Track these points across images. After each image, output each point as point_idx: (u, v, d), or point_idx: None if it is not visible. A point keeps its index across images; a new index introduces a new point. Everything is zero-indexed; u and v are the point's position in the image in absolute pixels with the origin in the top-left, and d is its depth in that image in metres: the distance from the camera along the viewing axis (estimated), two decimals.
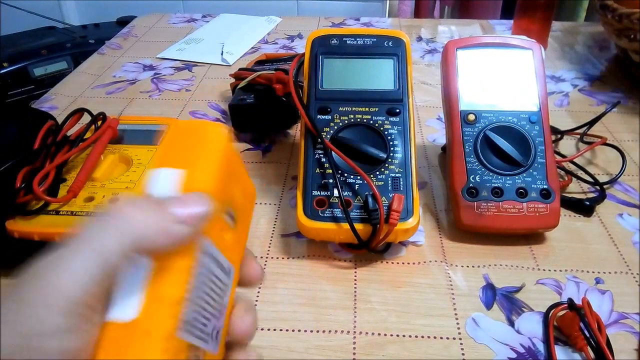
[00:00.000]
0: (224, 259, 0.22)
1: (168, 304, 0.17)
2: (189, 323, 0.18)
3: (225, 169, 0.21)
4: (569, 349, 0.34)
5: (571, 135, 0.57)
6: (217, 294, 0.21)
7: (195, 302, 0.19)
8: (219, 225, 0.21)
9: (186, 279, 0.18)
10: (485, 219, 0.41)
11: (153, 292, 0.18)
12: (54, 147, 0.42)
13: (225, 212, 0.22)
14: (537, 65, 0.45)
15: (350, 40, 0.45)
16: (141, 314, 0.17)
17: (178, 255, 0.18)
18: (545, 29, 0.76)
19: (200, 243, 0.19)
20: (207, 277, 0.20)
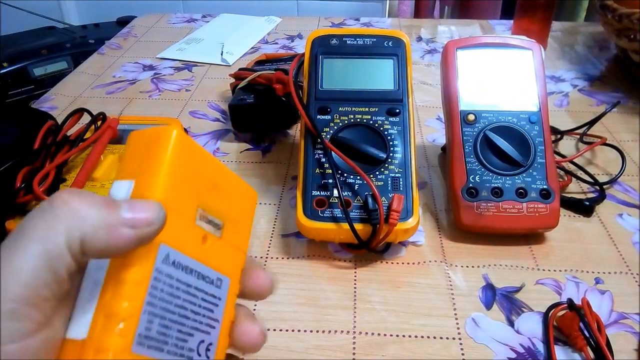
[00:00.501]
0: (208, 269, 0.21)
1: (117, 319, 0.17)
2: (151, 338, 0.18)
3: (181, 176, 0.20)
4: (568, 349, 0.34)
5: (571, 135, 0.57)
6: (200, 306, 0.20)
7: (159, 316, 0.18)
8: (190, 235, 0.20)
9: (139, 292, 0.17)
10: (485, 219, 0.41)
11: (103, 307, 0.17)
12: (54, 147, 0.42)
13: (201, 220, 0.21)
14: (537, 65, 0.45)
15: (350, 40, 0.45)
16: (92, 331, 0.17)
17: (131, 267, 0.18)
18: (545, 29, 0.76)
19: (159, 253, 0.18)
20: (176, 289, 0.19)
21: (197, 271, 0.20)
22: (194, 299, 0.20)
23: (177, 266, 0.19)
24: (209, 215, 0.21)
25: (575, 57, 0.78)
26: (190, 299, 0.20)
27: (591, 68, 0.74)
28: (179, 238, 0.20)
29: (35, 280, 0.16)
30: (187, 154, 0.20)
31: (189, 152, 0.20)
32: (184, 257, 0.20)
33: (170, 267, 0.19)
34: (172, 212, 0.19)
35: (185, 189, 0.20)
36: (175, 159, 0.19)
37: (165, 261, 0.19)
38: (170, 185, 0.19)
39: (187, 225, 0.20)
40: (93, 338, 0.17)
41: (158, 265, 0.18)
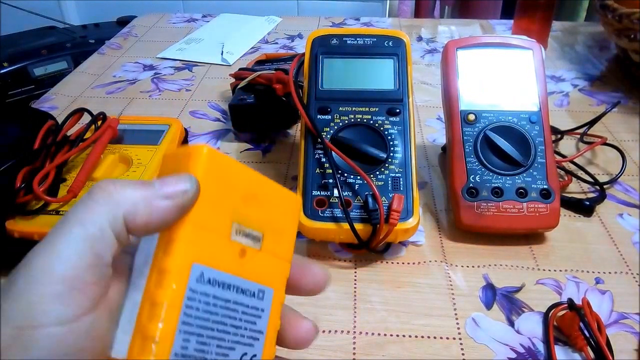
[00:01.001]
0: (248, 282, 0.21)
1: (152, 341, 0.17)
2: (188, 356, 0.18)
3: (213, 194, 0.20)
4: (569, 349, 0.34)
5: (571, 135, 0.57)
6: (241, 320, 0.21)
7: (196, 334, 0.19)
8: (226, 251, 0.20)
9: (173, 313, 0.18)
10: (485, 219, 0.41)
11: (140, 328, 0.18)
12: (54, 147, 0.42)
13: (237, 235, 0.21)
14: (537, 65, 0.45)
15: (351, 40, 0.45)
16: (130, 352, 0.17)
17: (165, 288, 0.18)
18: (545, 29, 0.76)
19: (192, 273, 0.19)
20: (214, 306, 0.20)
21: (236, 286, 0.21)
22: (234, 314, 0.20)
23: (214, 284, 0.20)
24: (246, 228, 0.21)
25: (575, 57, 0.78)
26: (229, 314, 0.20)
27: (591, 68, 0.74)
28: (214, 256, 0.20)
29: (79, 263, 0.16)
30: (219, 170, 0.20)
31: (220, 168, 0.20)
32: (220, 273, 0.20)
33: (205, 285, 0.19)
34: (205, 231, 0.19)
35: (218, 206, 0.20)
36: (205, 178, 0.19)
37: (199, 280, 0.19)
38: (201, 205, 0.19)
39: (223, 242, 0.20)
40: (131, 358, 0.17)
41: (192, 285, 0.19)
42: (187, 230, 0.19)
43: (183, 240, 0.19)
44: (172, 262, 0.18)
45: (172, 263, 0.18)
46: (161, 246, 0.19)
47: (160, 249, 0.19)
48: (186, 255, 0.19)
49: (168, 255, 0.18)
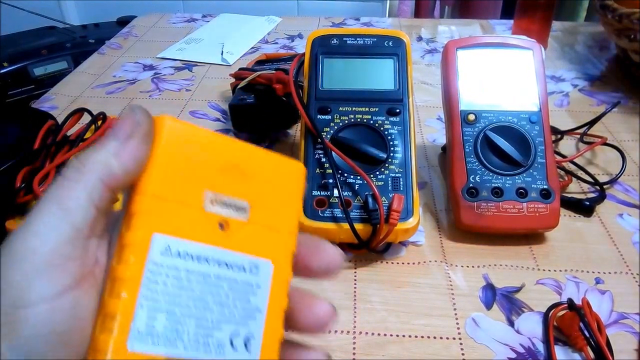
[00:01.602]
0: (235, 255, 0.20)
1: (111, 318, 0.17)
2: (157, 334, 0.17)
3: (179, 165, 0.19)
4: (568, 349, 0.34)
5: (571, 135, 0.57)
6: (227, 296, 0.19)
7: (165, 310, 0.18)
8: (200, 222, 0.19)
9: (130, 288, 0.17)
10: (485, 219, 0.41)
11: (101, 306, 0.17)
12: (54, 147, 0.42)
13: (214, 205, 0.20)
14: (537, 65, 0.45)
15: (351, 40, 0.45)
16: (93, 331, 0.17)
17: (122, 263, 0.17)
18: (545, 29, 0.76)
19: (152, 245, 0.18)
20: (187, 281, 0.18)
21: (217, 258, 0.19)
22: (217, 289, 0.19)
23: (185, 257, 0.19)
24: (225, 198, 0.20)
25: (575, 57, 0.78)
26: (211, 290, 0.19)
27: (591, 68, 0.74)
28: (183, 227, 0.19)
29: (57, 239, 0.16)
30: (183, 140, 0.19)
31: (185, 138, 0.19)
32: (193, 245, 0.19)
33: (173, 257, 0.18)
34: (167, 202, 0.18)
35: (183, 176, 0.19)
36: (165, 148, 0.19)
37: (165, 252, 0.18)
38: (161, 175, 0.19)
39: (194, 213, 0.19)
40: (93, 338, 0.17)
41: (153, 257, 0.18)
42: (146, 201, 0.18)
43: (141, 211, 0.18)
44: (131, 235, 0.18)
45: (130, 236, 0.18)
46: (124, 220, 0.18)
47: (123, 223, 0.18)
48: (144, 226, 0.18)
49: (128, 228, 0.18)
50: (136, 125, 0.18)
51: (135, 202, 0.18)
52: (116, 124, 0.19)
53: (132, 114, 0.19)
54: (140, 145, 0.18)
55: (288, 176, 0.22)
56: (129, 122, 0.18)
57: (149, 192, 0.18)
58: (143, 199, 0.18)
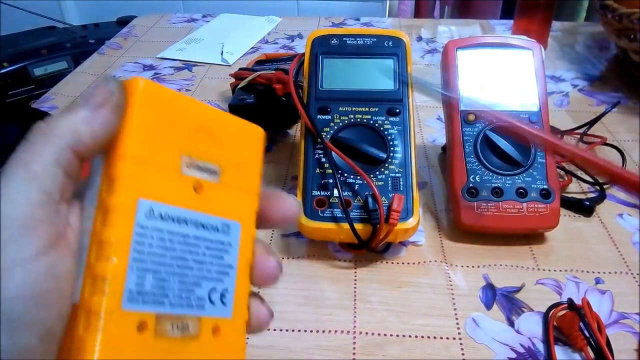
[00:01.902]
0: (209, 217, 0.21)
1: (102, 280, 0.17)
2: (145, 293, 0.18)
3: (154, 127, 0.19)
4: (569, 349, 0.34)
5: (571, 135, 0.57)
6: (205, 255, 0.20)
7: (152, 270, 0.18)
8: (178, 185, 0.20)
9: (121, 250, 0.17)
10: (485, 219, 0.41)
11: (89, 270, 0.17)
12: None
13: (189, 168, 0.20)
14: (537, 65, 0.45)
15: (350, 40, 0.45)
16: (82, 294, 0.17)
17: (110, 226, 0.18)
18: (545, 29, 0.76)
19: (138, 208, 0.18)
20: (170, 241, 0.19)
21: (194, 220, 0.20)
22: (195, 249, 0.20)
23: (166, 218, 0.19)
24: (199, 161, 0.21)
25: (575, 57, 0.78)
26: (190, 249, 0.20)
27: (591, 68, 0.74)
28: (163, 190, 0.19)
29: (27, 202, 0.16)
30: (159, 102, 0.20)
31: (160, 100, 0.20)
32: (173, 208, 0.19)
33: (157, 220, 0.19)
34: (149, 165, 0.19)
35: (161, 139, 0.19)
36: (142, 110, 0.19)
37: (149, 216, 0.19)
38: (141, 138, 0.19)
39: (172, 176, 0.20)
40: (83, 301, 0.17)
41: (140, 221, 0.18)
42: (128, 165, 0.18)
43: (125, 175, 0.18)
44: (116, 199, 0.18)
45: (116, 200, 0.18)
46: (104, 184, 0.18)
47: (104, 188, 0.18)
48: (129, 190, 0.18)
49: (111, 193, 0.18)
50: (109, 95, 0.18)
51: (117, 166, 0.18)
52: (88, 92, 0.19)
53: (105, 84, 0.18)
54: (111, 114, 0.18)
55: (250, 139, 0.23)
56: (102, 91, 0.18)
57: (129, 154, 0.18)
58: (125, 162, 0.18)
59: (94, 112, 0.18)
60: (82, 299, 0.17)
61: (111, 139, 0.18)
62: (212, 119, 0.22)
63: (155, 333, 0.18)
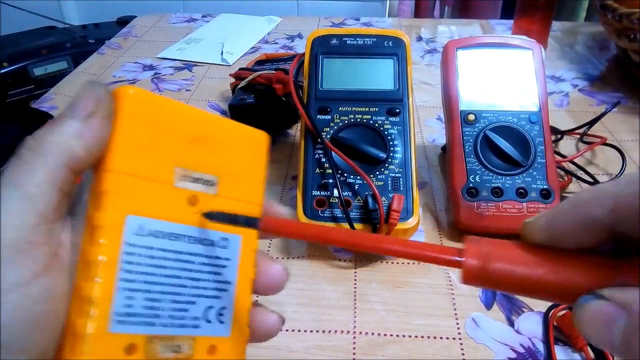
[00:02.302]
0: (204, 231, 0.20)
1: (89, 303, 0.16)
2: (135, 314, 0.17)
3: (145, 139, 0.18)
4: (569, 349, 0.34)
5: (571, 135, 0.57)
6: (200, 272, 0.19)
7: (141, 290, 0.18)
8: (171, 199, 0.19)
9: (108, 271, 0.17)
10: (485, 219, 0.41)
11: (76, 290, 0.17)
12: None
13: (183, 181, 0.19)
14: (537, 65, 0.45)
15: (350, 40, 0.45)
16: (69, 314, 0.17)
17: (97, 245, 0.17)
18: (545, 29, 0.76)
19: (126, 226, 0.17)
20: (161, 259, 0.18)
21: (188, 235, 0.19)
22: (189, 265, 0.19)
23: (157, 235, 0.18)
24: (194, 173, 0.20)
25: (575, 57, 0.78)
26: (183, 266, 0.19)
27: (591, 68, 0.74)
28: (154, 205, 0.18)
29: (22, 225, 0.16)
30: (150, 112, 0.18)
31: (152, 110, 0.18)
32: (165, 223, 0.18)
33: (147, 237, 0.18)
34: (138, 179, 0.18)
35: (152, 151, 0.18)
36: (130, 121, 0.18)
37: (139, 233, 0.18)
38: (129, 151, 0.18)
39: (164, 190, 0.19)
40: (70, 323, 0.17)
41: (128, 239, 0.17)
42: (116, 180, 0.17)
43: (111, 191, 0.17)
44: (103, 217, 0.17)
45: (103, 217, 0.17)
46: (92, 200, 0.17)
47: (91, 204, 0.17)
48: (117, 207, 0.17)
49: (98, 209, 0.17)
50: (97, 102, 0.17)
51: (103, 181, 0.17)
52: (75, 100, 0.18)
53: (91, 90, 0.17)
54: (102, 123, 0.17)
55: (252, 146, 0.22)
56: (90, 98, 0.17)
57: (117, 169, 0.17)
58: (112, 176, 0.17)
59: (84, 123, 0.17)
60: (68, 321, 0.17)
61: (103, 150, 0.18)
62: (209, 127, 0.21)
63: (146, 355, 0.18)
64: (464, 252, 0.16)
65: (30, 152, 0.17)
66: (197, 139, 0.20)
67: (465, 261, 0.16)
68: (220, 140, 0.21)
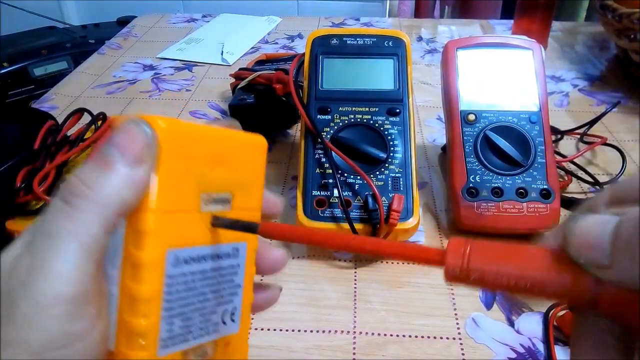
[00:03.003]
0: (222, 246, 0.21)
1: (137, 336, 0.17)
2: (175, 336, 0.18)
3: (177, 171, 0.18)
4: (569, 349, 0.34)
5: (571, 135, 0.57)
6: (219, 283, 0.21)
7: (178, 314, 0.19)
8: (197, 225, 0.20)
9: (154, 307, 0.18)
10: (485, 219, 0.41)
11: (123, 324, 0.17)
12: (54, 147, 0.42)
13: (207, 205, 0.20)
14: (537, 65, 0.45)
15: (350, 40, 0.45)
16: (117, 345, 0.17)
17: (141, 283, 0.17)
18: (545, 29, 0.76)
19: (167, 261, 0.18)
20: (192, 281, 0.19)
21: (211, 254, 0.20)
22: (212, 281, 0.20)
23: (189, 262, 0.19)
24: (214, 195, 0.20)
25: (575, 57, 0.78)
26: (208, 283, 0.20)
27: (591, 68, 0.74)
28: (186, 235, 0.19)
29: (83, 278, 0.16)
30: (180, 142, 0.19)
31: (181, 139, 0.19)
32: (194, 250, 0.19)
33: (181, 266, 0.19)
34: (173, 214, 0.18)
35: (183, 183, 0.19)
36: (167, 157, 0.18)
37: (175, 264, 0.18)
38: (167, 189, 0.18)
39: (193, 218, 0.19)
40: (119, 353, 0.17)
41: (169, 272, 0.18)
42: (155, 219, 0.17)
43: (153, 230, 0.17)
44: (145, 256, 0.17)
45: (145, 256, 0.17)
46: (130, 236, 0.17)
47: (130, 241, 0.17)
48: (158, 245, 0.18)
49: (139, 248, 0.17)
50: (147, 149, 0.17)
51: (146, 221, 0.17)
52: (121, 140, 0.17)
53: (140, 132, 0.17)
54: (151, 169, 0.17)
55: (253, 152, 0.23)
56: (139, 142, 0.17)
57: (157, 208, 0.18)
58: (152, 216, 0.17)
59: (135, 169, 0.17)
60: (118, 352, 0.17)
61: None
62: (221, 143, 0.21)
63: None
64: (447, 252, 0.17)
65: (83, 200, 0.16)
66: (213, 158, 0.20)
67: (446, 261, 0.16)
68: (229, 154, 0.21)
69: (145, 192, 0.17)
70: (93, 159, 0.17)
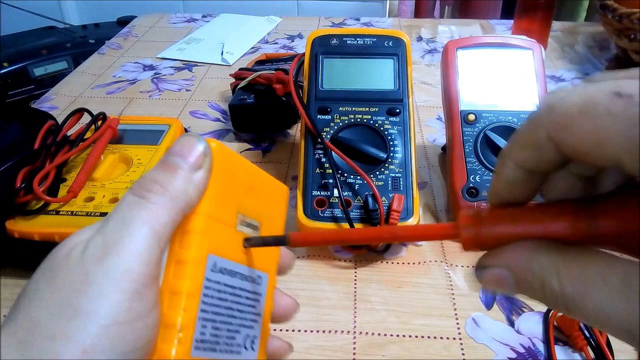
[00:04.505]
0: (249, 269, 0.22)
1: (175, 329, 0.18)
2: (206, 341, 0.19)
3: (223, 187, 0.21)
4: (569, 349, 0.34)
5: None
6: (244, 304, 0.22)
7: (211, 320, 0.20)
8: (233, 241, 0.21)
9: (193, 303, 0.19)
10: None
11: (162, 317, 0.18)
12: (54, 147, 0.42)
13: (241, 225, 0.22)
14: (537, 65, 0.45)
15: (350, 40, 0.45)
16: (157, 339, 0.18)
17: (183, 278, 0.19)
18: (545, 29, 0.76)
19: (208, 263, 0.20)
20: (224, 293, 0.21)
21: (241, 273, 0.22)
22: (239, 299, 0.22)
23: (224, 272, 0.21)
24: (248, 218, 0.22)
25: (575, 57, 0.78)
26: (236, 300, 0.21)
27: (591, 68, 0.74)
28: (224, 245, 0.21)
29: (151, 260, 0.17)
30: (226, 163, 0.21)
31: (227, 161, 0.21)
32: (229, 262, 0.21)
33: (217, 274, 0.20)
34: (216, 222, 0.20)
35: (226, 198, 0.21)
36: (215, 171, 0.20)
37: (213, 269, 0.20)
38: (212, 196, 0.20)
39: (230, 232, 0.21)
40: (156, 347, 0.18)
41: (208, 274, 0.20)
42: (202, 222, 0.20)
43: (198, 231, 0.19)
44: (190, 254, 0.19)
45: (190, 254, 0.19)
46: (177, 237, 0.19)
47: (176, 241, 0.19)
48: (202, 246, 0.19)
49: (185, 247, 0.19)
50: (205, 157, 0.20)
51: (194, 222, 0.19)
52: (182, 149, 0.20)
53: (199, 144, 0.20)
54: (208, 175, 0.20)
55: (278, 194, 0.26)
56: (199, 151, 0.20)
57: (205, 212, 0.20)
58: (200, 219, 0.20)
59: (194, 173, 0.19)
60: (155, 347, 0.18)
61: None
62: (255, 176, 0.24)
63: None
64: (459, 224, 0.17)
65: (156, 194, 0.18)
66: (248, 186, 0.23)
67: (462, 231, 0.17)
68: (260, 187, 0.24)
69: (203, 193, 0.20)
70: (158, 165, 0.20)
